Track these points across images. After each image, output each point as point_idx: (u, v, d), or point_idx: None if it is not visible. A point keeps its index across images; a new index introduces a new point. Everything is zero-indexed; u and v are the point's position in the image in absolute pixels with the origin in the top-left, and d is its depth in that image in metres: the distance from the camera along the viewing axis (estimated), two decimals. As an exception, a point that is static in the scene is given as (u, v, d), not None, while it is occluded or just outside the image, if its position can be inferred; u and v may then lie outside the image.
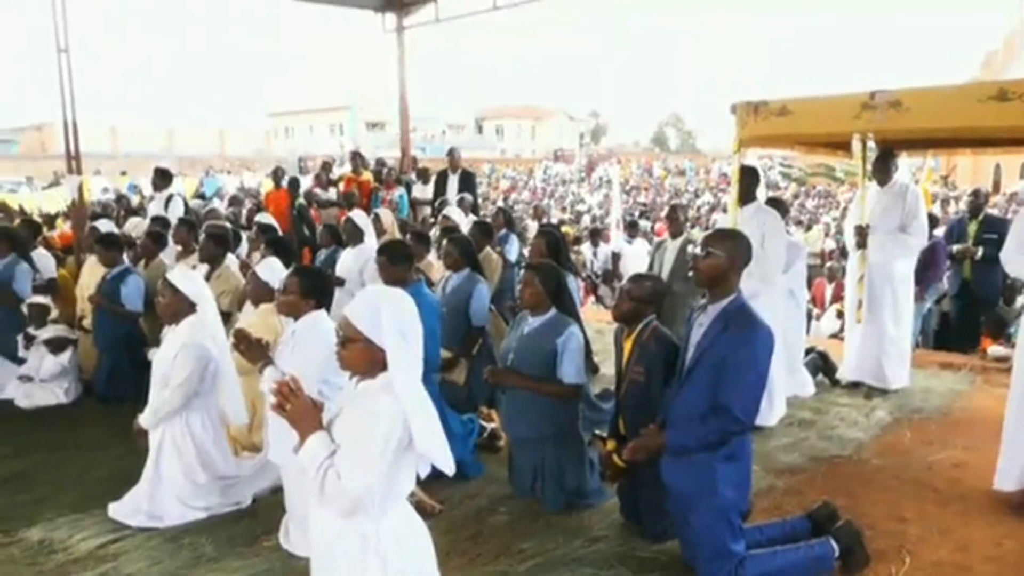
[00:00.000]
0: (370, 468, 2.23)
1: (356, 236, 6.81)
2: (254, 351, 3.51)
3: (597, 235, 13.02)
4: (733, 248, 3.27)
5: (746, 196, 5.49)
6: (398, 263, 4.64)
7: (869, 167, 6.17)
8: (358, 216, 7.02)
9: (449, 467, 2.36)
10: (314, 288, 3.73)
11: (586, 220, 19.98)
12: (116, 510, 4.06)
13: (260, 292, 4.62)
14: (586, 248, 13.04)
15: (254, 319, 4.62)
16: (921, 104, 4.20)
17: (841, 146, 6.06)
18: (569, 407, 4.08)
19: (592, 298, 11.42)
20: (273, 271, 4.59)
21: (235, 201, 14.71)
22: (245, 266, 6.27)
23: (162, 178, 9.38)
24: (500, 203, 22.89)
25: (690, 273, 3.37)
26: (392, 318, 2.31)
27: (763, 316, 3.24)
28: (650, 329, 3.73)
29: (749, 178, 5.53)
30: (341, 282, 6.39)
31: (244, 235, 8.27)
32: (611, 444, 3.89)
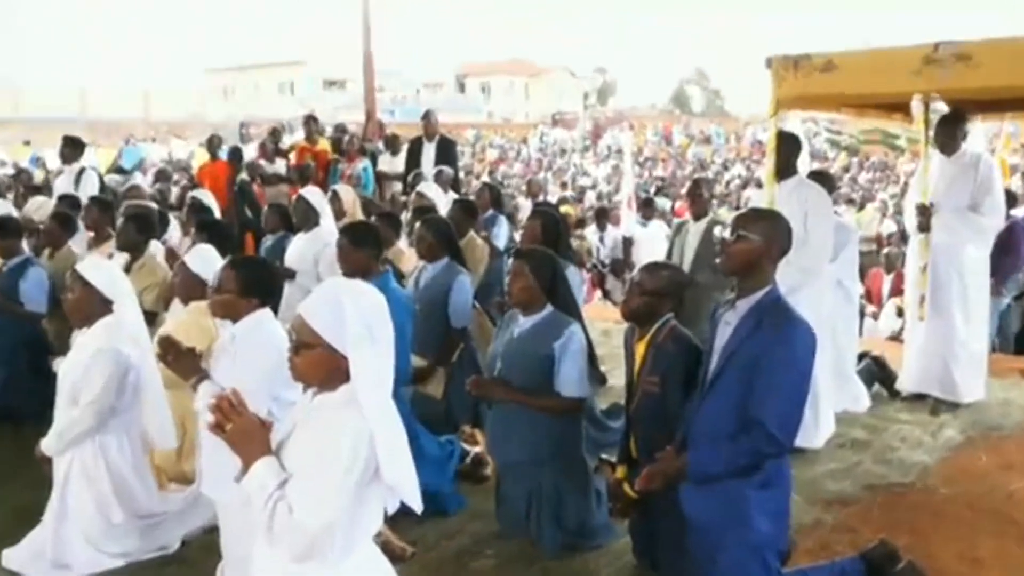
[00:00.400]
0: (330, 500, 2.23)
1: (310, 218, 6.78)
2: (184, 362, 3.48)
3: (604, 216, 13.01)
4: (769, 231, 3.28)
5: (785, 168, 5.49)
6: (362, 248, 4.64)
7: (933, 133, 6.18)
8: (312, 194, 7.00)
9: (415, 503, 2.36)
10: (257, 283, 3.71)
11: (591, 198, 19.99)
12: (11, 558, 4.04)
13: (191, 287, 4.59)
14: (591, 232, 13.03)
15: (184, 320, 4.59)
16: (995, 57, 4.20)
17: (899, 108, 6.06)
18: (569, 426, 4.08)
19: (598, 292, 11.43)
20: (207, 262, 4.56)
21: (162, 176, 14.66)
22: (173, 255, 6.24)
23: (72, 148, 9.33)
24: (486, 178, 22.84)
25: (717, 261, 3.37)
26: (357, 317, 2.31)
27: (805, 313, 3.25)
28: (667, 329, 3.73)
29: (789, 146, 5.53)
30: (291, 275, 6.37)
31: (173, 217, 8.24)
32: (621, 471, 3.89)
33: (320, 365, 2.36)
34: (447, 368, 5.29)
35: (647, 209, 13.03)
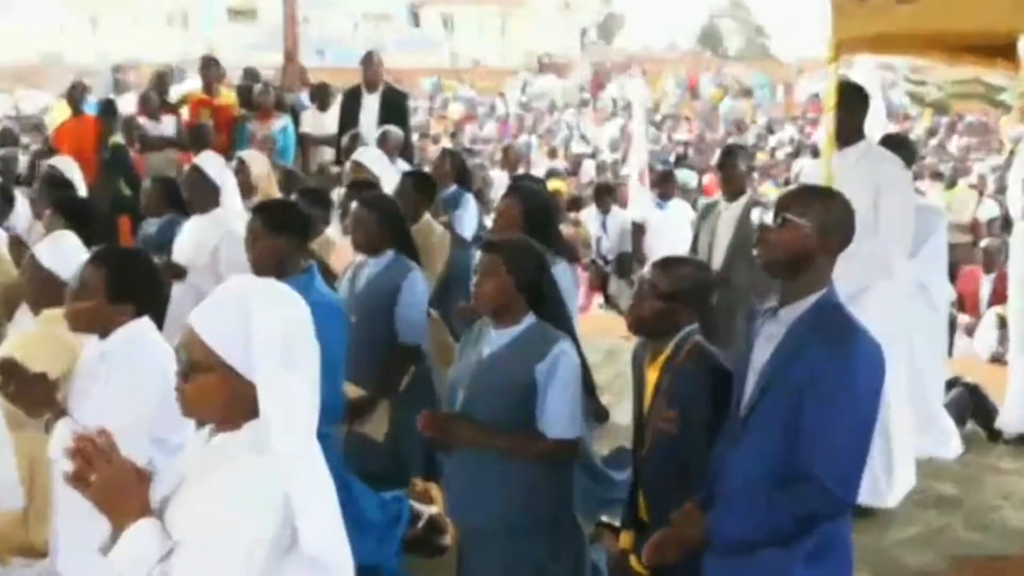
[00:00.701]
0: (229, 579, 2.24)
1: (207, 196, 6.77)
2: (32, 392, 3.47)
3: (608, 194, 13.07)
4: (825, 215, 3.29)
5: (849, 131, 5.53)
6: (279, 236, 4.66)
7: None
8: (210, 163, 6.98)
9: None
10: (133, 283, 3.71)
11: (590, 170, 20.00)
12: None
13: (43, 289, 4.56)
14: (590, 216, 13.06)
15: (33, 335, 4.56)
16: None
17: (1002, 52, 6.11)
18: (557, 478, 4.08)
19: (598, 297, 11.45)
20: (65, 255, 4.53)
21: (6, 137, 14.55)
22: (20, 245, 6.20)
23: None
24: (448, 142, 22.82)
25: (755, 254, 3.38)
26: (269, 329, 2.33)
27: (873, 326, 3.27)
28: (689, 347, 3.75)
29: (854, 102, 5.58)
30: (181, 273, 6.36)
31: (20, 193, 8.19)
32: (626, 538, 3.90)
33: (218, 395, 2.36)
34: (393, 399, 5.30)
35: (665, 185, 13.06)
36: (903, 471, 5.56)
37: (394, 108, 10.29)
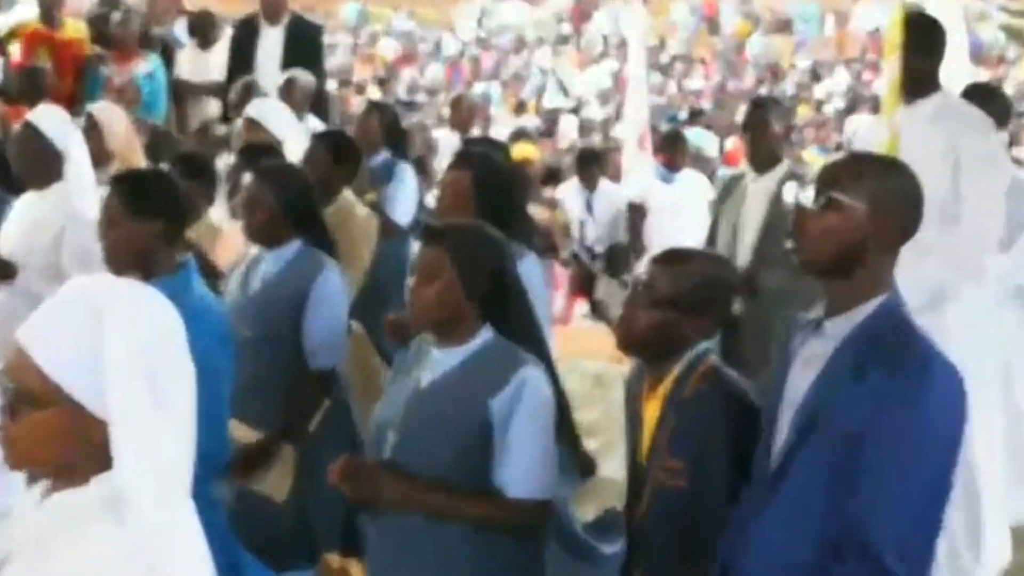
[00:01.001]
0: None
1: (45, 164, 6.75)
2: None
3: (595, 164, 13.07)
4: (884, 192, 3.31)
5: (920, 79, 5.56)
6: (146, 218, 4.65)
7: None
8: (50, 119, 6.97)
9: None
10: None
11: (571, 130, 20.03)
12: None
13: None
14: (571, 193, 13.06)
15: None
16: None
17: None
18: (521, 552, 4.10)
19: (581, 305, 11.47)
20: None
21: None
22: None
23: None
24: (376, 92, 22.81)
25: (789, 247, 3.39)
26: (127, 349, 2.31)
27: (951, 345, 3.29)
28: (701, 372, 3.77)
29: (927, 40, 5.61)
30: (10, 270, 6.34)
31: None
32: (617, 632, 3.92)
33: (57, 438, 2.35)
34: (299, 445, 5.31)
35: (673, 151, 13.08)
36: (995, 541, 5.57)
37: (303, 45, 10.29)
